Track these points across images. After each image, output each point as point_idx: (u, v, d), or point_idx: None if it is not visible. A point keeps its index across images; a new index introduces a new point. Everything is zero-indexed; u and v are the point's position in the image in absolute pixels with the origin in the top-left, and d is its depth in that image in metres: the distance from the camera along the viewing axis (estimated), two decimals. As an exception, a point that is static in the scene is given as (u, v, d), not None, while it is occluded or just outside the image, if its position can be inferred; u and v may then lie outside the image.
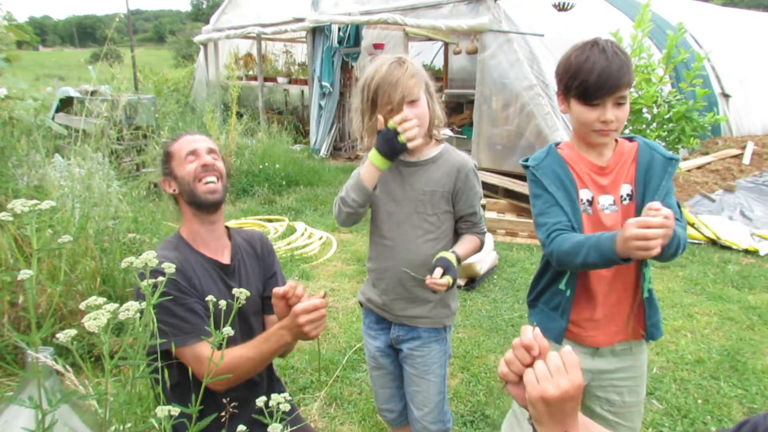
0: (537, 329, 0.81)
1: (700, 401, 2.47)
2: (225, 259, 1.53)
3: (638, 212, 1.38)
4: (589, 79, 1.30)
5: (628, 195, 1.41)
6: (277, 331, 1.33)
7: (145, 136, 5.88)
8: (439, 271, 1.46)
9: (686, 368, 2.75)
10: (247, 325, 1.53)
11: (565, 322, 1.45)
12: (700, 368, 2.74)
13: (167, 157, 1.52)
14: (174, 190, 1.50)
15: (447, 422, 1.75)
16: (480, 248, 1.67)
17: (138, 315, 0.89)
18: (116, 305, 0.88)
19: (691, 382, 2.62)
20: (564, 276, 1.44)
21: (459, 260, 1.53)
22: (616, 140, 1.45)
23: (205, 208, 1.47)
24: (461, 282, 3.68)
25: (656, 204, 1.16)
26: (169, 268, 1.00)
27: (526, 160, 1.48)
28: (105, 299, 0.90)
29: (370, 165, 1.50)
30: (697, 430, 2.29)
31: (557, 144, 1.49)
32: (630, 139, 1.46)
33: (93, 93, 4.54)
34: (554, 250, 1.34)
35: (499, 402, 2.42)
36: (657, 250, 1.13)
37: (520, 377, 0.81)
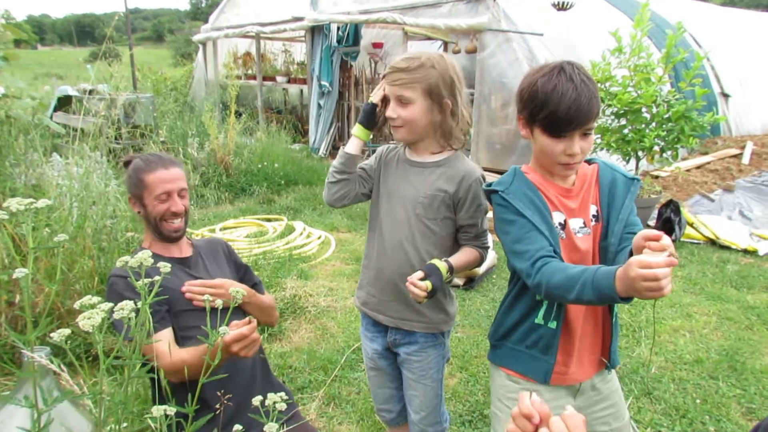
0: (534, 395, 0.77)
1: (698, 401, 2.47)
2: (185, 254, 1.63)
3: (605, 233, 1.31)
4: (557, 111, 1.21)
5: (593, 216, 1.34)
6: (205, 351, 1.28)
7: (143, 135, 5.89)
8: (419, 273, 1.38)
9: (685, 368, 2.74)
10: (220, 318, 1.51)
11: (552, 359, 1.33)
12: (698, 368, 2.74)
13: (139, 183, 1.55)
14: (139, 212, 1.60)
15: (444, 422, 1.75)
16: (479, 262, 1.60)
17: (133, 314, 0.89)
18: (110, 304, 0.88)
19: (690, 381, 2.62)
20: (541, 307, 1.33)
21: (451, 270, 1.47)
22: None
23: (167, 241, 1.59)
24: (460, 282, 3.68)
25: (653, 233, 1.04)
26: (165, 267, 1.00)
27: (490, 185, 1.36)
28: (100, 299, 0.90)
29: (352, 136, 1.63)
30: (695, 430, 2.29)
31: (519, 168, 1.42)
32: (588, 162, 1.40)
33: (91, 92, 4.53)
34: (542, 283, 1.18)
35: None
36: (669, 288, 1.00)
37: None
